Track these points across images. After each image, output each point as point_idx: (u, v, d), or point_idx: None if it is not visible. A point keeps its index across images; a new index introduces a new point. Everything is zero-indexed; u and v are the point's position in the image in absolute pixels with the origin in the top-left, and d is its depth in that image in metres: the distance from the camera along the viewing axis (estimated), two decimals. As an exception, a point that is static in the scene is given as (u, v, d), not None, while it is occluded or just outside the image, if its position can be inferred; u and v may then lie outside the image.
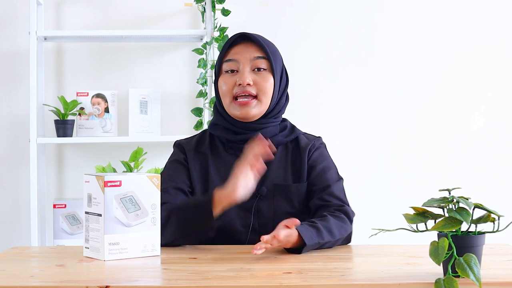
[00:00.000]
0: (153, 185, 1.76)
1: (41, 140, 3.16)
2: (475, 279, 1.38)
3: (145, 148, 3.24)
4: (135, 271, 1.59)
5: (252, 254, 1.79)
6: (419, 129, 3.47)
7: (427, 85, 3.47)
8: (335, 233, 1.90)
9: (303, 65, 3.42)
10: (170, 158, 2.13)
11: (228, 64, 2.06)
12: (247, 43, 2.06)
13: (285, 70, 2.12)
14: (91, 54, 3.41)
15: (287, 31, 3.43)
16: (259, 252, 1.72)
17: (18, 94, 3.37)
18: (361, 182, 3.41)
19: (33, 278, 1.54)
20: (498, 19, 3.49)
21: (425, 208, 1.50)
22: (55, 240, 3.15)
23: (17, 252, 1.86)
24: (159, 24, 3.42)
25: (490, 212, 1.48)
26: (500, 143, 3.48)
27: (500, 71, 3.49)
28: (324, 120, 3.43)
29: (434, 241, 1.43)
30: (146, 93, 3.29)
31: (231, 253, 1.81)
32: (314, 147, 2.09)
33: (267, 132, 2.06)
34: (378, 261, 1.73)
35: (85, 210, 1.75)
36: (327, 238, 1.86)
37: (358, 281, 1.48)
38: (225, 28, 3.26)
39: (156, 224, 1.76)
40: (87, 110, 3.25)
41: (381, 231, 1.51)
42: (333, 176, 2.07)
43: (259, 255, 1.77)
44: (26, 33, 3.25)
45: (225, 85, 2.05)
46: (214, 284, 1.45)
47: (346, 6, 3.45)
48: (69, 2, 3.41)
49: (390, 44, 3.46)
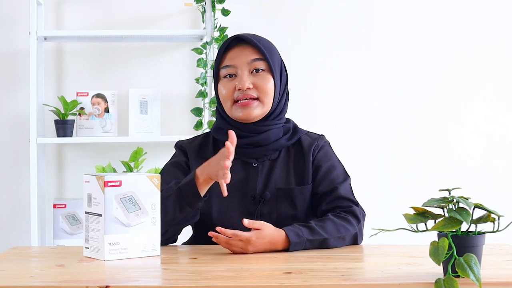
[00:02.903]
0: (153, 185, 1.76)
1: (41, 140, 3.16)
2: (475, 279, 1.38)
3: (145, 148, 3.24)
4: (135, 271, 1.59)
5: (252, 254, 1.79)
6: (419, 129, 3.46)
7: (427, 85, 3.46)
8: (331, 231, 1.89)
9: (303, 65, 3.42)
10: (171, 159, 2.11)
11: (225, 69, 2.03)
12: (243, 46, 2.03)
13: (283, 66, 2.09)
14: (91, 54, 3.41)
15: (287, 31, 3.43)
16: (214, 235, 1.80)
17: (18, 94, 3.37)
18: (361, 182, 3.40)
19: (33, 278, 1.54)
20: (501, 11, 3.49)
21: (425, 208, 1.50)
22: (55, 240, 3.15)
23: (17, 252, 1.86)
24: (159, 24, 3.42)
25: (490, 212, 1.48)
26: (500, 143, 3.48)
27: (502, 70, 3.49)
28: (323, 120, 3.43)
29: (434, 241, 1.43)
30: (146, 93, 3.29)
31: (231, 253, 1.81)
32: (318, 147, 2.08)
33: (271, 135, 2.04)
34: (378, 261, 1.73)
35: (85, 210, 1.75)
36: (318, 235, 1.86)
37: (358, 281, 1.48)
38: (225, 28, 3.26)
39: (156, 224, 1.76)
40: (87, 110, 3.25)
41: (381, 231, 1.51)
42: (340, 176, 2.05)
43: (259, 255, 1.78)
44: (26, 33, 3.25)
45: (224, 90, 2.03)
46: (214, 284, 1.45)
47: (346, 6, 3.45)
48: (69, 2, 3.41)
49: (391, 43, 3.46)
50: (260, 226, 1.82)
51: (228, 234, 1.79)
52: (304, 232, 1.85)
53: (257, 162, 2.04)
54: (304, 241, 1.85)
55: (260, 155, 2.05)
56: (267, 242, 1.82)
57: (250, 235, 1.80)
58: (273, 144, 2.05)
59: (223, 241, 1.80)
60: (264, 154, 2.05)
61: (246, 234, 1.79)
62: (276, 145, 2.05)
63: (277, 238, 1.83)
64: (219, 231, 1.79)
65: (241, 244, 1.79)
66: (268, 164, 2.05)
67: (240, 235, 1.78)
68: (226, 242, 1.80)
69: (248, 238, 1.79)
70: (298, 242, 1.84)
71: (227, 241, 1.79)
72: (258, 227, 1.82)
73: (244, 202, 2.01)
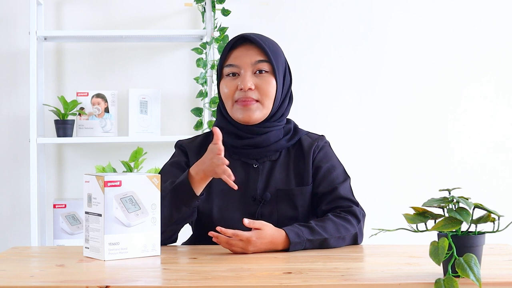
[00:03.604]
0: (153, 185, 1.76)
1: (41, 140, 3.16)
2: (475, 279, 1.38)
3: (145, 148, 3.24)
4: (135, 271, 1.59)
5: (252, 254, 1.79)
6: (419, 128, 3.46)
7: (427, 85, 3.46)
8: (331, 231, 1.89)
9: (303, 65, 3.42)
10: (170, 159, 2.11)
11: (229, 68, 2.04)
12: (248, 46, 2.03)
13: (288, 69, 2.09)
14: (91, 54, 3.41)
15: (287, 31, 3.43)
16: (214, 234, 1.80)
17: (18, 94, 3.37)
18: (361, 182, 3.40)
19: (33, 278, 1.54)
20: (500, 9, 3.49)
21: (425, 208, 1.50)
22: (55, 240, 3.15)
23: (17, 252, 1.86)
24: (159, 24, 3.42)
25: (490, 212, 1.48)
26: (500, 143, 3.48)
27: (502, 69, 3.49)
28: (323, 120, 3.43)
29: (434, 241, 1.43)
30: (146, 93, 3.29)
31: (231, 253, 1.81)
32: (318, 147, 2.08)
33: (271, 137, 2.04)
34: (378, 261, 1.73)
35: (85, 210, 1.75)
36: (318, 235, 1.86)
37: (358, 281, 1.48)
38: (225, 28, 3.26)
39: (156, 224, 1.76)
40: (87, 110, 3.25)
41: (381, 231, 1.51)
42: (340, 176, 2.05)
43: (259, 255, 1.78)
44: (26, 33, 3.25)
45: (226, 88, 2.03)
46: (214, 284, 1.45)
47: (346, 6, 3.45)
48: (69, 2, 3.41)
49: (392, 44, 3.46)
50: (260, 226, 1.82)
51: (229, 234, 1.79)
52: (304, 232, 1.86)
53: (257, 163, 2.04)
54: (304, 241, 1.85)
55: (260, 156, 2.05)
56: (268, 242, 1.82)
57: (251, 235, 1.80)
58: (273, 145, 2.05)
59: (223, 241, 1.80)
60: (264, 155, 2.05)
61: (247, 234, 1.79)
62: (276, 146, 2.05)
63: (278, 238, 1.83)
64: (219, 231, 1.79)
65: (241, 244, 1.79)
66: (269, 165, 2.05)
67: (241, 235, 1.78)
68: (226, 242, 1.80)
69: (248, 238, 1.79)
70: (299, 242, 1.84)
71: (227, 241, 1.79)
72: (258, 227, 1.82)
73: (244, 203, 2.01)
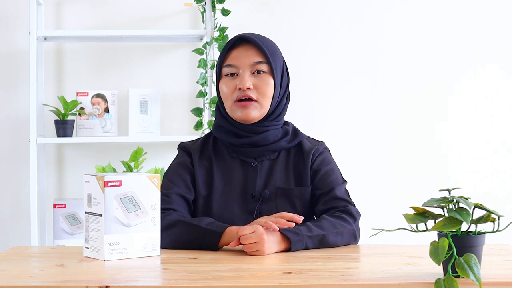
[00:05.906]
0: (153, 185, 1.76)
1: (41, 140, 3.16)
2: (475, 279, 1.38)
3: (145, 148, 3.24)
4: (135, 271, 1.59)
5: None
6: (419, 128, 3.46)
7: (427, 84, 3.47)
8: (327, 227, 1.91)
9: (303, 65, 3.42)
10: (175, 160, 2.12)
11: (228, 68, 2.06)
12: (247, 46, 2.05)
13: (285, 68, 2.11)
14: (91, 54, 3.41)
15: (287, 31, 3.43)
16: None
17: (18, 94, 3.37)
18: (361, 182, 3.40)
19: (33, 278, 1.54)
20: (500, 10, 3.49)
21: (425, 208, 1.50)
22: (55, 240, 3.15)
23: (17, 252, 1.86)
24: (159, 24, 3.42)
25: (490, 212, 1.48)
26: (500, 143, 3.48)
27: (502, 68, 3.49)
28: (323, 120, 3.43)
29: (434, 241, 1.43)
30: (146, 93, 3.29)
31: (231, 253, 1.81)
32: (318, 151, 2.10)
33: (269, 136, 2.06)
34: (378, 261, 1.73)
35: (85, 210, 1.75)
36: (316, 232, 1.87)
37: (358, 281, 1.48)
38: (225, 28, 3.26)
39: (156, 224, 1.76)
40: (87, 110, 3.25)
41: (381, 231, 1.51)
42: (337, 179, 2.08)
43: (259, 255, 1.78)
44: (26, 33, 3.25)
45: (226, 88, 2.06)
46: (214, 284, 1.45)
47: (347, 6, 3.45)
48: (69, 2, 3.41)
49: (392, 44, 3.46)
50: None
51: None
52: (302, 230, 1.87)
53: (256, 162, 2.06)
54: (304, 238, 1.85)
55: (259, 155, 2.07)
56: (276, 240, 1.82)
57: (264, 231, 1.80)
58: (272, 145, 2.07)
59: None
60: (263, 154, 2.07)
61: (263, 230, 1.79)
62: (275, 147, 2.07)
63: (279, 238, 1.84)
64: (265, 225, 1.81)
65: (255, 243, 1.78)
66: (268, 164, 2.07)
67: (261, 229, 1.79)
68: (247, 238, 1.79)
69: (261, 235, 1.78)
70: (299, 240, 1.84)
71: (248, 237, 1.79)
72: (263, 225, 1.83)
73: (243, 200, 2.04)
